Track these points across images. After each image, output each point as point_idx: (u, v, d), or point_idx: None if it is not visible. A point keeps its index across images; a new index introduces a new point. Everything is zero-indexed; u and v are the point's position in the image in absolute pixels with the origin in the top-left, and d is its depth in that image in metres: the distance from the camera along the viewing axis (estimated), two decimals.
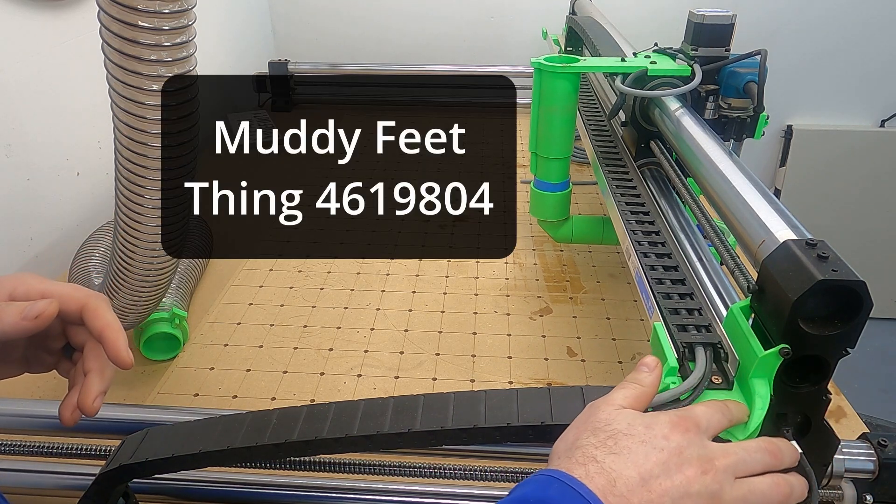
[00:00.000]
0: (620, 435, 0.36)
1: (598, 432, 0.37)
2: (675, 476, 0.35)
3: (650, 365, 0.42)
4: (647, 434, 0.36)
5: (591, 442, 0.36)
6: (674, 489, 0.34)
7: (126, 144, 0.55)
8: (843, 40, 1.84)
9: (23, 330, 0.39)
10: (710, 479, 0.35)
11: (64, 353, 0.44)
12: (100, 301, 0.42)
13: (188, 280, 0.93)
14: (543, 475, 0.35)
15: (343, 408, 0.44)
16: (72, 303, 0.41)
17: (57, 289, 0.42)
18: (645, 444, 0.36)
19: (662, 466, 0.35)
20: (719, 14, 0.80)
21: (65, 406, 0.41)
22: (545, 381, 0.80)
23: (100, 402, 0.41)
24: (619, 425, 0.37)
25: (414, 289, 0.99)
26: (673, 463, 0.35)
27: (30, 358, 0.44)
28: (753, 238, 0.49)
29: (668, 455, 0.35)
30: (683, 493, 0.34)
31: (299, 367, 0.82)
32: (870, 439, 0.48)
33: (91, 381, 0.41)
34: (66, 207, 1.06)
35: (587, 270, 1.04)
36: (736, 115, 0.83)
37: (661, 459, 0.35)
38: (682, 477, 0.35)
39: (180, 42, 0.51)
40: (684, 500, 0.34)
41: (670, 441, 0.36)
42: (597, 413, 0.39)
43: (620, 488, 0.34)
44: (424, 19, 1.89)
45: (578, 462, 0.35)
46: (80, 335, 0.43)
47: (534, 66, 0.82)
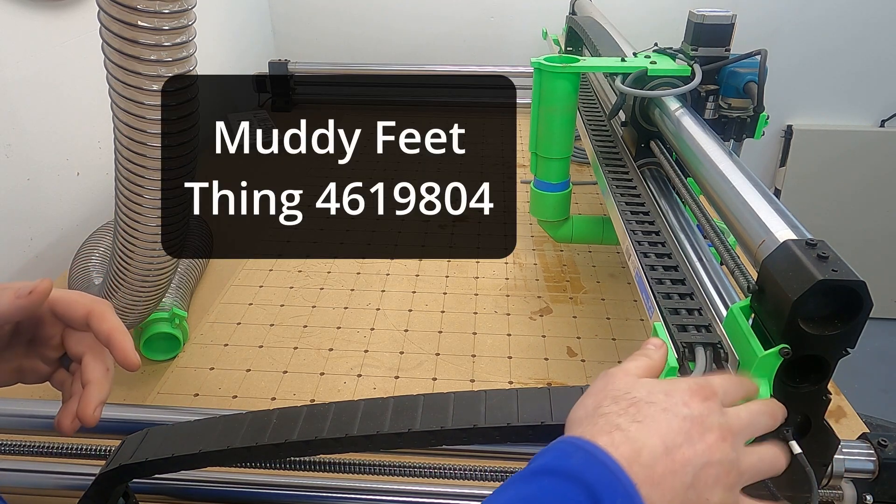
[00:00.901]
0: (642, 403, 0.36)
1: (620, 400, 0.36)
2: (698, 444, 0.34)
3: (656, 344, 0.42)
4: (667, 402, 0.36)
5: (613, 410, 0.36)
6: (696, 457, 0.34)
7: (126, 144, 0.55)
8: (843, 40, 1.84)
9: (18, 309, 0.39)
10: (729, 446, 0.35)
11: (61, 363, 0.44)
12: (105, 306, 0.42)
13: (188, 280, 0.93)
14: (565, 443, 0.34)
15: (343, 408, 0.44)
16: (77, 307, 0.41)
17: (62, 295, 0.42)
18: (667, 412, 0.35)
19: (685, 435, 0.34)
20: (719, 14, 0.80)
21: (64, 415, 0.41)
22: (545, 381, 0.80)
23: (100, 413, 0.41)
24: (640, 393, 0.36)
25: (414, 289, 0.99)
26: (695, 431, 0.34)
27: (25, 367, 0.43)
28: (753, 238, 0.49)
29: (690, 423, 0.35)
30: (706, 462, 0.34)
31: (299, 367, 0.82)
32: (870, 439, 0.48)
33: (91, 391, 0.41)
34: (66, 207, 1.06)
35: (587, 270, 1.04)
36: (736, 115, 0.83)
37: (683, 428, 0.34)
38: (703, 445, 0.34)
39: (180, 42, 0.51)
40: (706, 469, 0.34)
41: (691, 409, 0.35)
42: (614, 381, 0.38)
43: (645, 458, 0.33)
44: (424, 19, 1.89)
45: (602, 430, 0.34)
46: (79, 344, 0.42)
47: (534, 66, 0.82)
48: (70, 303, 0.41)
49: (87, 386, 0.41)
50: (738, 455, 0.35)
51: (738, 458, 0.35)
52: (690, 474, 0.33)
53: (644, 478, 0.32)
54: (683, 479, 0.33)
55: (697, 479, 0.33)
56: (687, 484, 0.33)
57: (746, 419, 0.37)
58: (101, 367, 0.42)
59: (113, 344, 0.40)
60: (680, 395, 0.36)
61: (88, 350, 0.42)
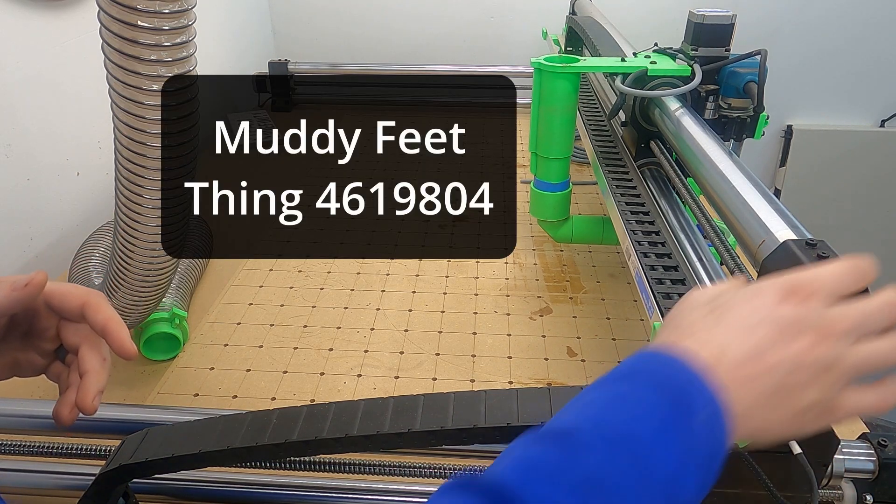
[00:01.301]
0: (727, 306, 0.34)
1: (701, 307, 0.35)
2: (789, 348, 0.32)
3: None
4: (755, 303, 0.34)
5: (693, 317, 0.35)
6: (786, 361, 0.32)
7: (126, 144, 0.55)
8: (843, 40, 1.84)
9: (15, 301, 0.39)
10: (827, 348, 0.32)
11: (57, 355, 0.44)
12: (100, 297, 0.42)
13: (188, 280, 0.93)
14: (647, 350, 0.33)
15: (343, 408, 0.44)
16: (73, 299, 0.41)
17: (57, 287, 0.42)
18: (754, 315, 0.33)
19: (775, 337, 0.32)
20: (719, 14, 0.80)
21: (62, 405, 0.41)
22: (545, 381, 0.80)
23: (98, 401, 0.41)
24: (724, 298, 0.35)
25: (414, 289, 0.99)
26: (787, 334, 0.32)
27: (21, 360, 0.43)
28: (753, 238, 0.49)
29: (781, 326, 0.33)
30: (796, 365, 0.32)
31: (299, 367, 0.82)
32: (870, 439, 0.48)
33: (90, 380, 0.41)
34: (66, 207, 1.06)
35: (587, 270, 1.04)
36: (736, 115, 0.83)
37: (770, 331, 0.32)
38: (795, 348, 0.32)
39: (180, 42, 0.52)
40: (797, 373, 0.32)
41: (782, 311, 0.33)
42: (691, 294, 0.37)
43: (730, 359, 0.32)
44: (424, 19, 1.89)
45: (684, 335, 0.33)
46: (75, 335, 0.43)
47: (534, 66, 0.82)
48: (65, 294, 0.41)
49: (85, 375, 0.41)
50: (839, 354, 0.33)
51: (839, 357, 0.33)
52: (779, 377, 0.32)
53: (729, 379, 0.31)
54: (772, 381, 0.32)
55: (788, 383, 0.32)
56: (776, 385, 0.32)
57: (855, 319, 0.33)
58: (98, 357, 0.42)
59: (109, 333, 0.41)
60: (771, 295, 0.34)
61: (84, 341, 0.42)
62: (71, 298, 0.41)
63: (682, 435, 0.29)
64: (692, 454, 0.29)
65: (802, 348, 0.32)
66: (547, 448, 0.29)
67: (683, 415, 0.30)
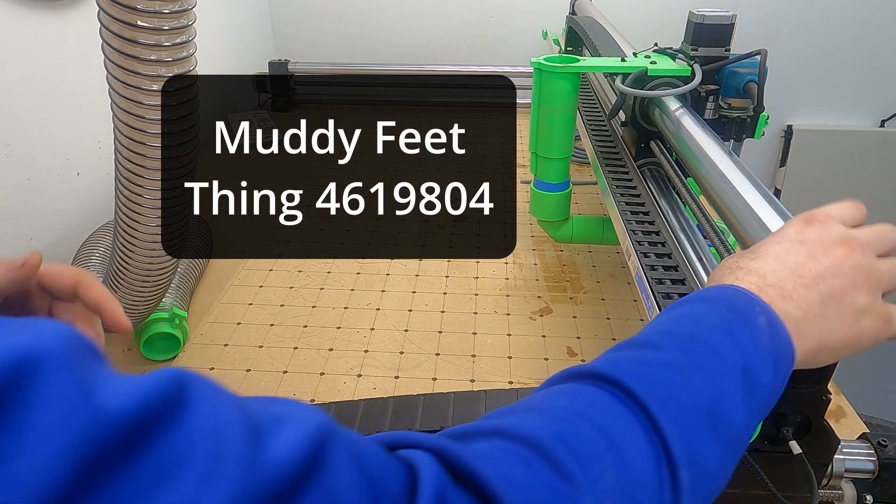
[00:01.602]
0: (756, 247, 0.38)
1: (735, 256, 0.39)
2: (823, 259, 0.36)
3: None
4: (780, 236, 0.38)
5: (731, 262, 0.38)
6: (825, 270, 0.35)
7: (126, 144, 0.55)
8: (843, 40, 1.84)
9: (11, 282, 0.39)
10: (860, 255, 0.36)
11: None
12: (91, 276, 0.42)
13: (188, 280, 0.93)
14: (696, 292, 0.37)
15: (343, 408, 0.44)
16: (65, 279, 0.42)
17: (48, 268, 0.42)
18: (782, 244, 0.37)
19: (806, 254, 0.36)
20: (719, 14, 0.80)
21: None
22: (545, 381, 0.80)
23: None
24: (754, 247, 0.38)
25: (414, 289, 0.99)
26: (817, 249, 0.36)
27: None
28: (753, 238, 0.49)
29: (809, 245, 0.36)
30: (835, 272, 0.35)
31: (299, 367, 0.82)
32: (870, 439, 0.48)
33: None
34: (66, 207, 1.06)
35: (587, 270, 1.04)
36: (736, 115, 0.83)
37: (802, 250, 0.36)
38: (830, 258, 0.36)
39: (180, 42, 0.52)
40: (838, 277, 0.35)
41: (806, 234, 0.37)
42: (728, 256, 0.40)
43: (770, 280, 0.35)
44: (424, 19, 1.89)
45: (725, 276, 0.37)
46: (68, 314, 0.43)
47: (534, 66, 0.82)
48: (56, 274, 0.41)
49: None
50: (872, 263, 0.36)
51: (873, 265, 0.36)
52: (823, 286, 0.35)
53: (775, 296, 0.34)
54: (817, 291, 0.35)
55: (833, 290, 0.35)
56: (823, 295, 0.35)
57: (872, 234, 0.38)
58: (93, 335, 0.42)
59: (103, 310, 0.41)
60: (794, 226, 0.38)
61: (78, 319, 0.42)
62: (63, 278, 0.42)
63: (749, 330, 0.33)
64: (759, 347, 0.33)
65: (837, 257, 0.36)
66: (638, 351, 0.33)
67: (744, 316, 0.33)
